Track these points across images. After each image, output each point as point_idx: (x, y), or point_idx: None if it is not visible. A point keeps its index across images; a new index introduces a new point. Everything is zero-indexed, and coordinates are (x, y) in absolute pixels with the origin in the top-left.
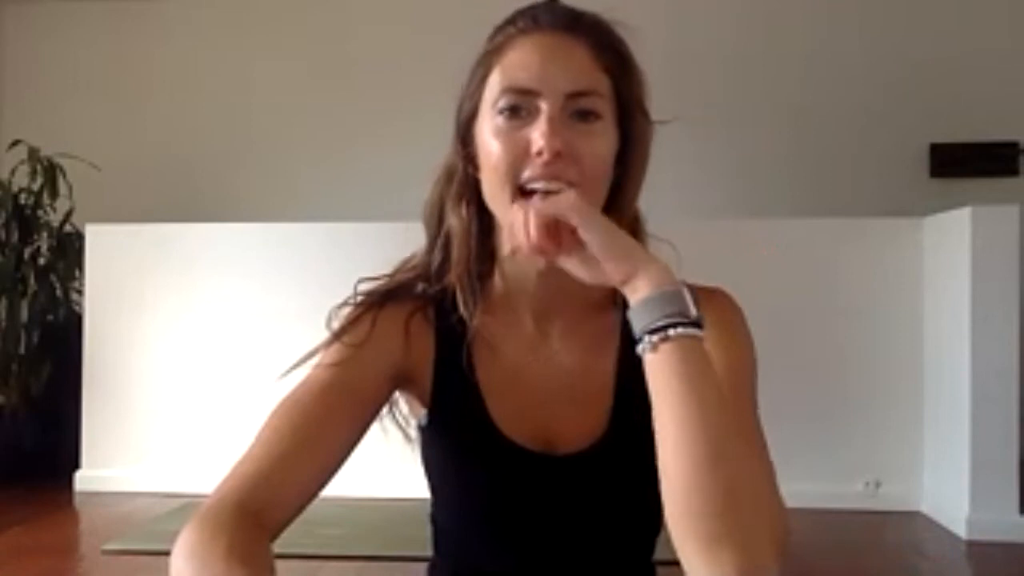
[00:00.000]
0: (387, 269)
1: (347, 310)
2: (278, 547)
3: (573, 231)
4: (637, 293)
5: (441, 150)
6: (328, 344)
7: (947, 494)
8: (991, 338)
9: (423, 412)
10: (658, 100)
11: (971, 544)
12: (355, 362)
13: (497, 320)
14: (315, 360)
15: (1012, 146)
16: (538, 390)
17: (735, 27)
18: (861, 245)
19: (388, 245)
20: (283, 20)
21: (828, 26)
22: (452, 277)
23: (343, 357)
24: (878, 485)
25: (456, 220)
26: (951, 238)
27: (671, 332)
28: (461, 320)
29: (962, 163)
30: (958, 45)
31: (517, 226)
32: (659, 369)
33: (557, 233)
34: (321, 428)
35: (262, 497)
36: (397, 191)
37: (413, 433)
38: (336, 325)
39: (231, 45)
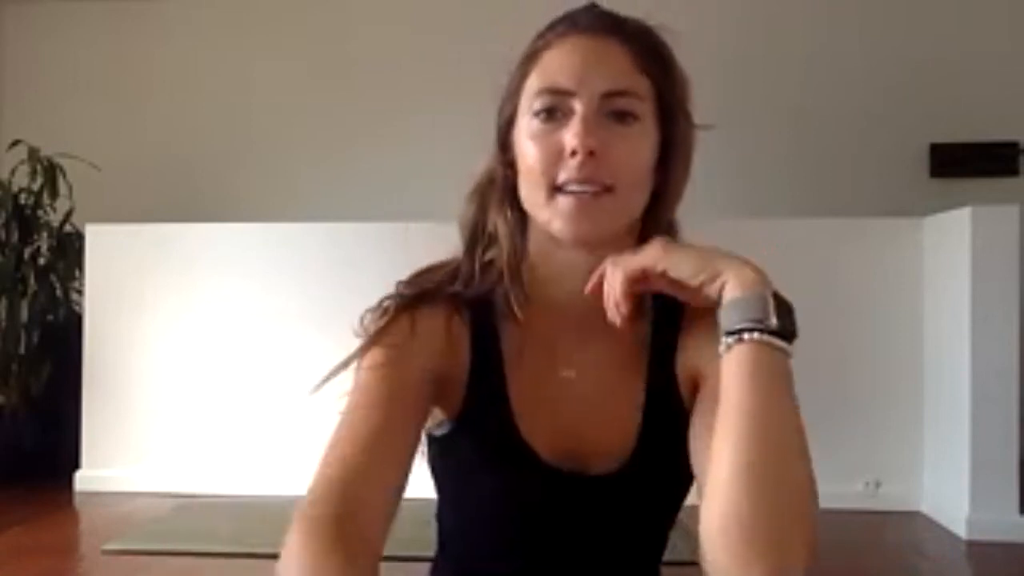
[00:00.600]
0: (387, 269)
1: (379, 313)
2: (275, 547)
3: (661, 274)
4: (726, 295)
5: (441, 150)
6: (367, 348)
7: (947, 494)
8: (991, 338)
9: (444, 420)
10: None
11: (971, 544)
12: (402, 362)
13: (531, 331)
14: (355, 367)
15: (1012, 146)
16: (568, 406)
17: (735, 28)
18: (861, 245)
19: (388, 245)
20: (283, 20)
21: (828, 27)
22: (497, 278)
23: (389, 358)
24: (878, 485)
25: (502, 222)
26: (951, 238)
27: (745, 336)
28: (495, 328)
29: (962, 163)
30: (958, 46)
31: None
32: (728, 371)
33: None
34: (389, 432)
35: (354, 508)
36: (397, 191)
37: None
38: (370, 329)
39: (231, 45)
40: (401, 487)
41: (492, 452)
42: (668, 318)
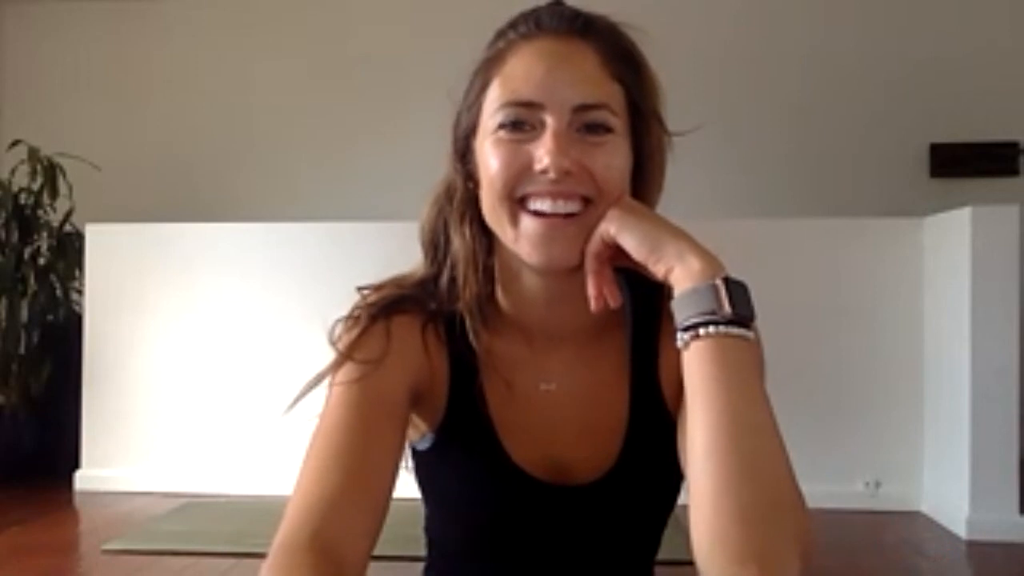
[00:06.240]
0: (387, 269)
1: (351, 323)
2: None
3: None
4: (675, 287)
5: (441, 150)
6: (340, 364)
7: (947, 494)
8: (991, 338)
9: (426, 434)
10: None
11: (971, 544)
12: (377, 376)
13: (507, 345)
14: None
15: (1012, 146)
16: (550, 418)
17: (735, 27)
18: (861, 245)
19: (388, 245)
20: (283, 20)
21: (828, 26)
22: (461, 302)
23: (363, 372)
24: (878, 485)
25: (460, 241)
26: (951, 238)
27: (701, 332)
28: (470, 342)
29: (962, 163)
30: (958, 45)
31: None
32: (690, 369)
33: (607, 256)
34: (367, 449)
35: (331, 532)
36: (397, 191)
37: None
38: (342, 342)
39: (231, 45)
40: (383, 504)
41: (475, 467)
42: (647, 323)
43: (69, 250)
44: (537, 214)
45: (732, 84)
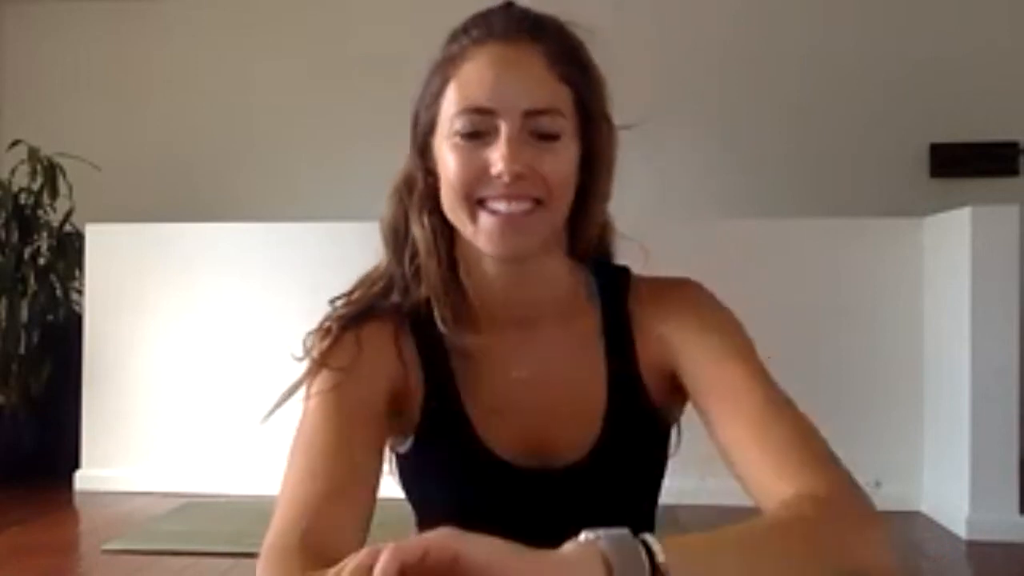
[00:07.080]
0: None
1: (322, 335)
2: None
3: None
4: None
5: None
6: (314, 373)
7: (947, 494)
8: (991, 338)
9: (406, 438)
10: (657, 100)
11: (971, 544)
12: (352, 383)
13: (476, 335)
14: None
15: (1012, 146)
16: (526, 403)
17: (735, 27)
18: (861, 245)
19: None
20: (283, 20)
21: (828, 26)
22: (425, 289)
23: (338, 381)
24: (878, 485)
25: (420, 230)
26: (951, 238)
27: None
28: (440, 335)
29: (962, 163)
30: (958, 45)
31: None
32: None
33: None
34: (350, 450)
35: (321, 532)
36: None
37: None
38: (315, 352)
39: (231, 45)
40: (370, 504)
41: (456, 463)
42: (617, 308)
43: (69, 250)
44: (494, 212)
45: (732, 84)
